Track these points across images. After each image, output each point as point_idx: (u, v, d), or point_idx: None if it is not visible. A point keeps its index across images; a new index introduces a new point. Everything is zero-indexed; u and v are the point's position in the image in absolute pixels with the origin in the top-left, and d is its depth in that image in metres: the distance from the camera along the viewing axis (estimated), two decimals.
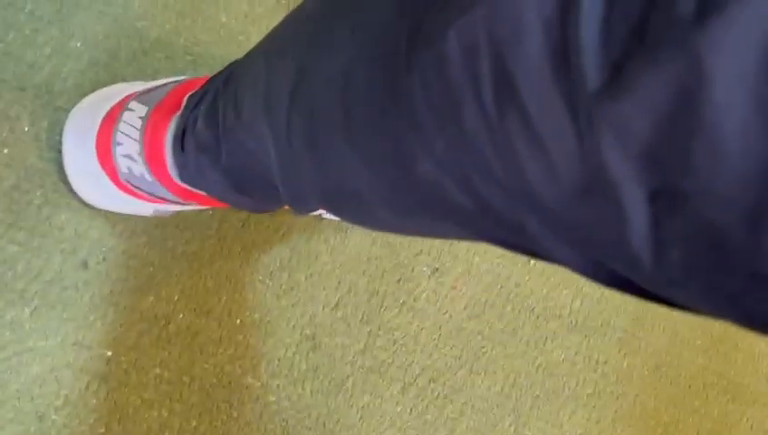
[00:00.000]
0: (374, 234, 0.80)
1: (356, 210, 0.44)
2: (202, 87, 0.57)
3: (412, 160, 0.34)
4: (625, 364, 0.95)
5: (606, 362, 0.94)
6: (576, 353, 0.92)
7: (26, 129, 0.64)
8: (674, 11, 0.22)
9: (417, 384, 0.82)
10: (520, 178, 0.29)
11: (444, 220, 0.37)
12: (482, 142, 0.29)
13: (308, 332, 0.76)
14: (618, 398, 0.94)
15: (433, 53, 0.30)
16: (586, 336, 0.93)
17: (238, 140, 0.50)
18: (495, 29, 0.27)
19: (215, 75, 0.57)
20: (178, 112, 0.58)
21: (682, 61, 0.22)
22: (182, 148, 0.57)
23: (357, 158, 0.38)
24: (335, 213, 0.47)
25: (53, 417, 0.65)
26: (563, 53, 0.25)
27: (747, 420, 1.03)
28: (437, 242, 0.83)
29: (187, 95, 0.58)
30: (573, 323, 0.92)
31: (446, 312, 0.84)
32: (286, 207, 0.67)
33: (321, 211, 0.73)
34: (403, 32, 0.32)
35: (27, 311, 0.64)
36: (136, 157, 0.60)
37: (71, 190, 0.65)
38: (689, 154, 0.23)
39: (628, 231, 0.26)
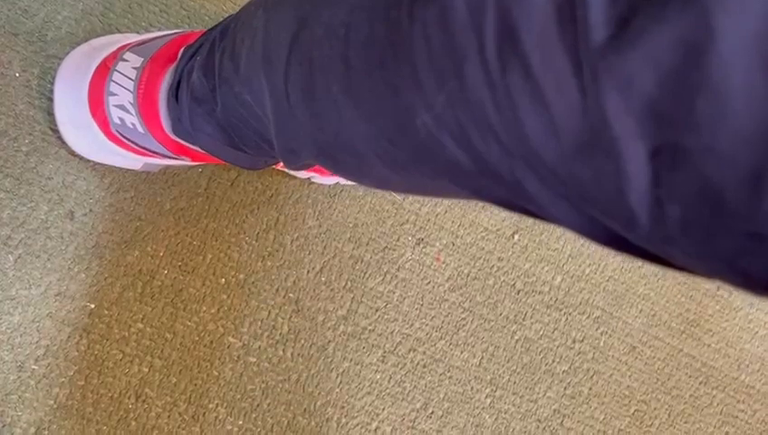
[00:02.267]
0: (361, 200, 0.80)
1: (351, 164, 0.44)
2: (198, 39, 0.56)
3: (410, 114, 0.34)
4: (601, 343, 0.96)
5: (583, 340, 0.95)
6: (554, 330, 0.93)
7: (17, 75, 0.63)
8: None
9: (397, 353, 0.82)
10: (519, 132, 0.29)
11: (440, 177, 0.37)
12: (482, 97, 0.29)
13: (291, 295, 0.76)
14: (593, 375, 0.95)
15: (436, 5, 0.30)
16: (565, 313, 0.93)
17: (234, 92, 0.50)
18: None
19: (212, 27, 0.56)
20: (174, 64, 0.58)
21: (690, 17, 0.22)
22: (176, 99, 0.56)
23: (354, 109, 0.38)
24: (330, 167, 0.47)
25: (33, 367, 0.64)
26: (569, 6, 0.25)
27: (717, 404, 1.05)
28: (423, 212, 0.83)
29: (183, 47, 0.58)
30: (553, 299, 0.93)
31: (429, 282, 0.84)
32: (279, 165, 0.67)
33: (310, 174, 0.73)
34: None
35: (11, 259, 0.63)
36: (129, 107, 0.59)
37: (60, 139, 0.64)
38: (692, 111, 0.23)
39: (627, 187, 0.26)
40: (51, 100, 0.63)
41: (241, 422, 0.73)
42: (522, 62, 0.27)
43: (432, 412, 0.84)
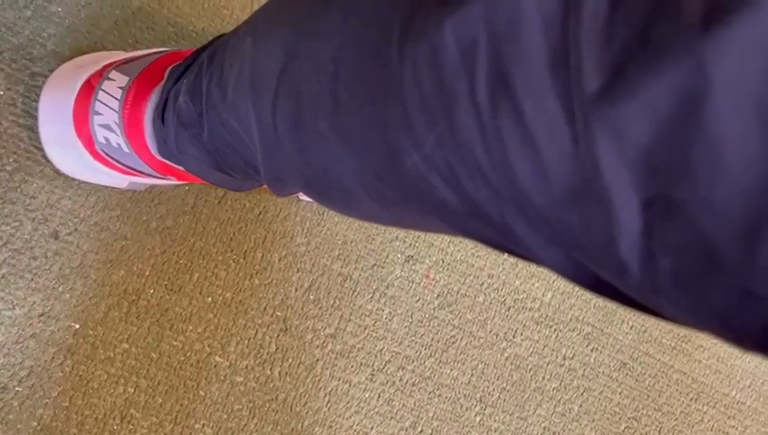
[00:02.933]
0: (350, 217, 0.79)
1: (338, 198, 0.43)
2: (186, 60, 0.56)
3: (399, 153, 0.33)
4: (592, 359, 0.96)
5: (573, 357, 0.94)
6: (544, 347, 0.92)
7: (1, 93, 0.63)
8: (679, 17, 0.21)
9: (386, 371, 0.82)
10: (509, 175, 0.28)
11: (429, 215, 0.36)
12: (472, 138, 0.29)
13: (279, 313, 0.76)
14: (583, 392, 0.95)
15: (427, 45, 0.29)
16: (555, 330, 0.93)
17: (221, 119, 0.49)
18: (494, 24, 0.27)
19: (199, 49, 0.56)
20: (160, 84, 0.57)
21: (686, 68, 0.21)
22: (162, 121, 0.56)
23: (342, 145, 0.37)
24: (317, 199, 0.46)
25: (17, 388, 0.63)
26: (563, 53, 0.25)
27: (708, 420, 1.05)
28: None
29: (170, 67, 0.57)
30: (543, 316, 0.92)
31: (419, 300, 0.84)
32: (264, 186, 0.66)
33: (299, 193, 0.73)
34: (397, 21, 0.32)
35: None
36: (114, 127, 0.58)
37: (45, 158, 0.63)
38: (687, 162, 0.22)
39: (617, 237, 0.26)
40: (35, 118, 0.62)
41: None
42: (513, 106, 0.27)
43: (421, 431, 0.83)
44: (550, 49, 0.25)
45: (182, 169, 0.59)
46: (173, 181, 0.63)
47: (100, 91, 0.59)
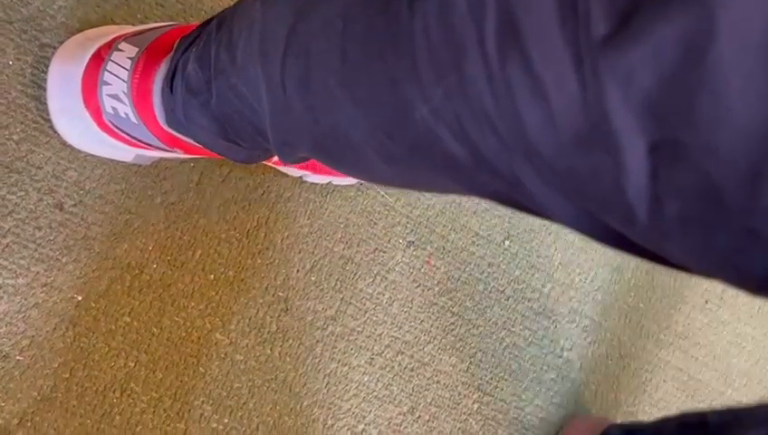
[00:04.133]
0: (353, 200, 0.79)
1: (347, 158, 0.43)
2: (195, 30, 0.56)
3: (408, 106, 0.34)
4: (589, 352, 0.96)
5: (571, 349, 0.95)
6: (542, 338, 0.92)
7: (11, 63, 0.63)
8: None
9: (385, 355, 0.82)
10: (518, 125, 0.29)
11: (437, 171, 0.37)
12: (481, 89, 0.29)
13: (281, 293, 0.76)
14: (580, 384, 0.95)
15: None
16: (553, 321, 0.93)
17: (230, 84, 0.50)
18: None
19: (208, 19, 0.56)
20: (169, 55, 0.58)
21: (693, 14, 0.22)
22: (171, 90, 0.56)
23: (351, 102, 0.38)
24: (325, 161, 0.47)
25: (18, 357, 0.64)
26: (571, 0, 0.25)
27: None
28: (415, 215, 0.83)
29: (180, 38, 0.58)
30: (542, 307, 0.93)
31: (419, 285, 0.84)
32: (272, 160, 0.66)
33: (303, 172, 0.73)
34: None
35: None
36: (123, 97, 0.59)
37: (52, 129, 0.63)
38: (692, 108, 0.23)
39: (625, 181, 0.26)
40: (44, 89, 0.63)
41: (226, 420, 0.73)
42: (522, 55, 0.27)
43: (419, 416, 0.84)
44: None
45: (189, 140, 0.59)
46: (179, 154, 0.64)
47: (110, 62, 0.59)
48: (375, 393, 0.81)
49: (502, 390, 0.89)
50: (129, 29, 0.63)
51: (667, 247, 0.28)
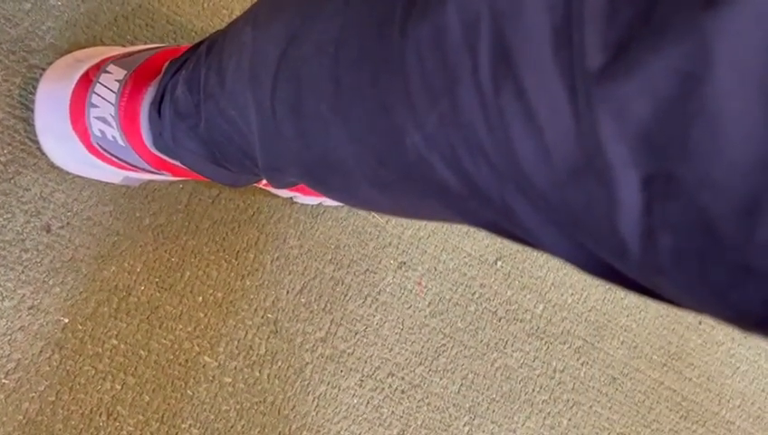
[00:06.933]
0: (344, 221, 0.79)
1: (338, 184, 0.43)
2: (184, 53, 0.56)
3: (401, 133, 0.33)
4: (582, 373, 0.95)
5: (564, 370, 0.94)
6: (535, 359, 0.92)
7: None
8: None
9: (376, 377, 0.81)
10: (511, 155, 0.28)
11: (428, 199, 0.36)
12: (474, 118, 0.29)
13: (270, 315, 0.75)
14: (573, 406, 0.94)
15: (430, 24, 0.30)
16: (546, 342, 0.93)
17: (219, 108, 0.49)
18: (496, 1, 0.27)
19: (197, 43, 0.56)
20: (158, 78, 0.57)
21: (688, 45, 0.22)
22: (159, 114, 0.56)
23: (343, 128, 0.37)
24: (315, 187, 0.46)
25: (3, 380, 0.63)
26: (565, 30, 0.25)
27: None
28: (406, 235, 0.83)
29: (169, 61, 0.57)
30: (534, 328, 0.92)
31: (410, 307, 0.84)
32: (261, 183, 0.66)
33: (293, 193, 0.73)
34: (399, 1, 0.32)
35: None
36: (110, 120, 0.58)
37: (39, 150, 0.63)
38: (688, 140, 0.22)
39: (618, 215, 0.26)
40: (31, 110, 0.62)
41: None
42: (516, 84, 0.27)
43: None
44: (552, 26, 0.25)
45: (177, 163, 0.59)
46: (168, 177, 0.63)
47: (98, 84, 0.59)
48: (365, 416, 0.80)
49: (493, 412, 0.89)
50: (119, 50, 0.63)
51: (662, 282, 0.28)
